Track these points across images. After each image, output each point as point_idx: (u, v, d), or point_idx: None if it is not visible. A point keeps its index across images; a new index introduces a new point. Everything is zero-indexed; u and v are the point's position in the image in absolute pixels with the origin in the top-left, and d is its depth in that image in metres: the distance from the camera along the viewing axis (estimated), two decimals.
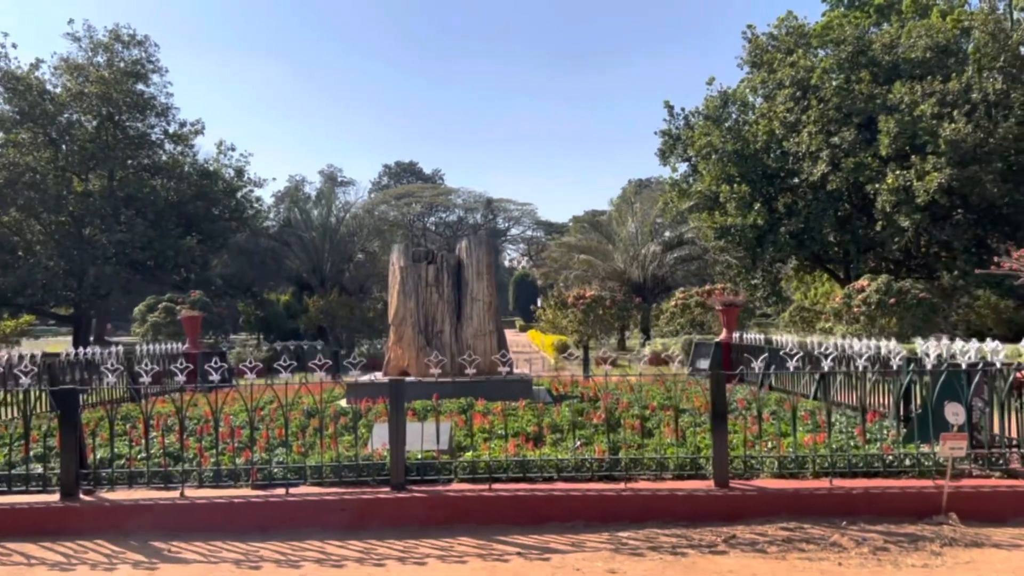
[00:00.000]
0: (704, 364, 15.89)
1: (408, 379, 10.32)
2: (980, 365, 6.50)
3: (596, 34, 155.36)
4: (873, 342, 9.11)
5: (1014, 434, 6.68)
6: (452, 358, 11.21)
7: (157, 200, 39.73)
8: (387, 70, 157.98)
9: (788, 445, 7.03)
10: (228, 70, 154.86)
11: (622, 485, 6.44)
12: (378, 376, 11.61)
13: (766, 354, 13.56)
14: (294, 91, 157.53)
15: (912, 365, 7.59)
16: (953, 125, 27.81)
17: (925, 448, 6.56)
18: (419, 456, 6.76)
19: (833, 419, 8.65)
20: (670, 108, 38.29)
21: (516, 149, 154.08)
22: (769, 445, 7.30)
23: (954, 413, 5.93)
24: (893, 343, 9.16)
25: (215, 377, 7.82)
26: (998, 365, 6.48)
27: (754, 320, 35.87)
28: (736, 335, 15.81)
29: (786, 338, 13.01)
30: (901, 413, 8.47)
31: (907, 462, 6.46)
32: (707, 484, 6.45)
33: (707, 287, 32.33)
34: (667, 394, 10.35)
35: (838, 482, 6.40)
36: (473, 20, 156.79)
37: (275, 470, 6.68)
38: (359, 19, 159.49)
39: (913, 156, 28.68)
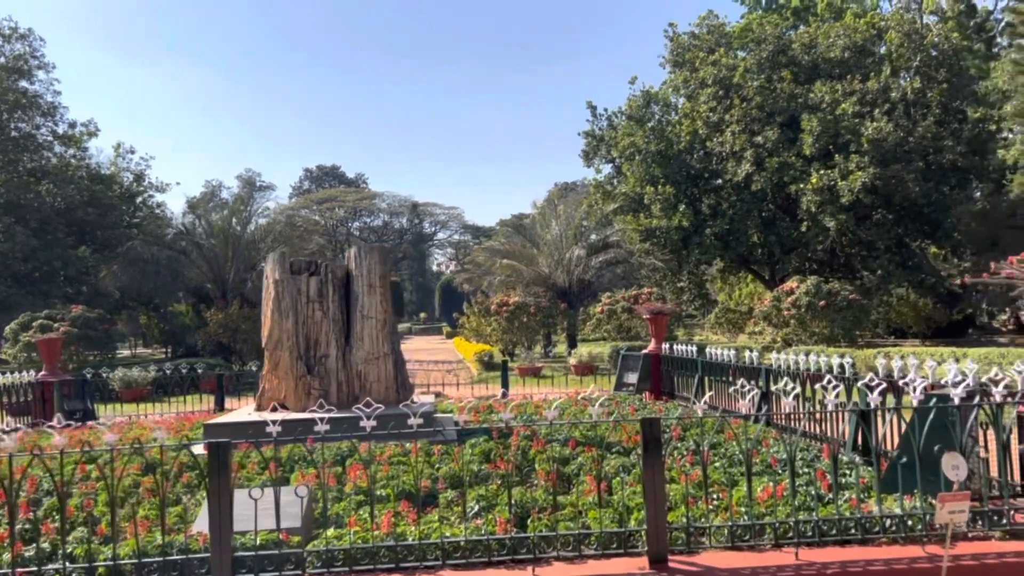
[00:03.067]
0: (632, 378, 14.53)
1: (277, 417, 8.51)
2: (976, 398, 5.22)
3: (521, 37, 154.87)
4: (836, 360, 7.81)
5: (1012, 478, 5.42)
6: (339, 387, 9.46)
7: (42, 207, 36.38)
8: (308, 73, 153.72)
9: (739, 500, 5.60)
10: (145, 71, 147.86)
11: (529, 571, 4.87)
12: (250, 411, 9.75)
13: (700, 373, 12.38)
14: (212, 93, 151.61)
15: (875, 395, 6.25)
16: (875, 124, 27.56)
17: (908, 500, 5.22)
18: (255, 541, 5.04)
19: (782, 453, 7.31)
20: (593, 108, 37.34)
21: (443, 153, 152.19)
22: (715, 500, 5.86)
23: (954, 466, 4.59)
24: (847, 359, 7.89)
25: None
26: (998, 397, 5.22)
27: (680, 322, 35.12)
28: (666, 345, 14.51)
29: (722, 351, 11.72)
30: (859, 444, 7.23)
31: (889, 524, 5.10)
32: (640, 564, 4.94)
33: (633, 291, 31.30)
34: (590, 428, 8.84)
35: (805, 554, 4.98)
36: (394, 23, 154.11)
37: (50, 571, 4.85)
38: (278, 20, 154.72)
39: (836, 155, 28.32)
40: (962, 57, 32.47)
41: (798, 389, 5.91)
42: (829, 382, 5.27)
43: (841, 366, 7.90)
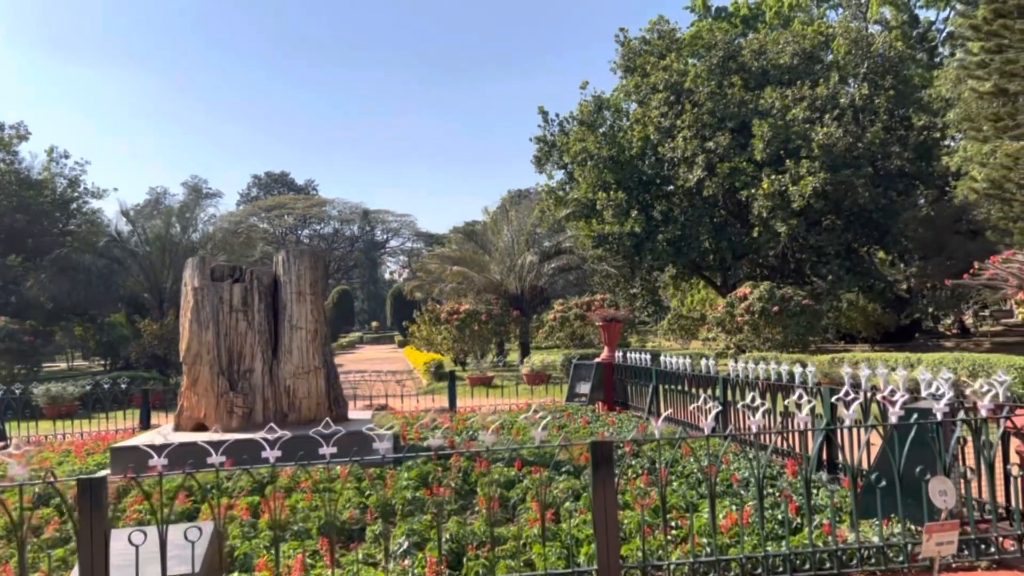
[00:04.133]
0: (584, 388, 13.98)
1: (174, 440, 7.69)
2: (960, 412, 4.74)
3: (472, 43, 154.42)
4: (798, 369, 7.34)
5: (998, 500, 4.94)
6: (265, 404, 8.67)
7: None
8: (256, 78, 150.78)
9: (701, 529, 5.02)
10: (90, 75, 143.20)
11: None
12: (167, 431, 8.89)
13: (654, 383, 11.87)
14: (158, 99, 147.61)
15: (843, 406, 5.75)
16: (825, 129, 27.65)
17: (885, 526, 4.70)
18: None
19: (744, 471, 6.79)
20: (544, 114, 36.94)
21: (395, 159, 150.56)
22: (674, 528, 5.28)
23: (941, 492, 4.08)
24: (810, 368, 7.42)
25: None
26: (983, 412, 4.75)
27: (633, 329, 34.87)
28: (619, 354, 14.01)
29: (677, 359, 11.24)
30: (824, 461, 6.75)
31: (867, 554, 4.57)
32: None
33: (586, 298, 30.90)
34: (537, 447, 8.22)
35: None
36: (344, 28, 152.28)
37: None
38: (225, 25, 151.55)
39: (787, 160, 28.34)
40: (906, 65, 32.99)
41: (767, 405, 5.38)
42: (800, 397, 4.75)
43: (804, 375, 7.43)
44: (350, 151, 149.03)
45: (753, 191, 28.77)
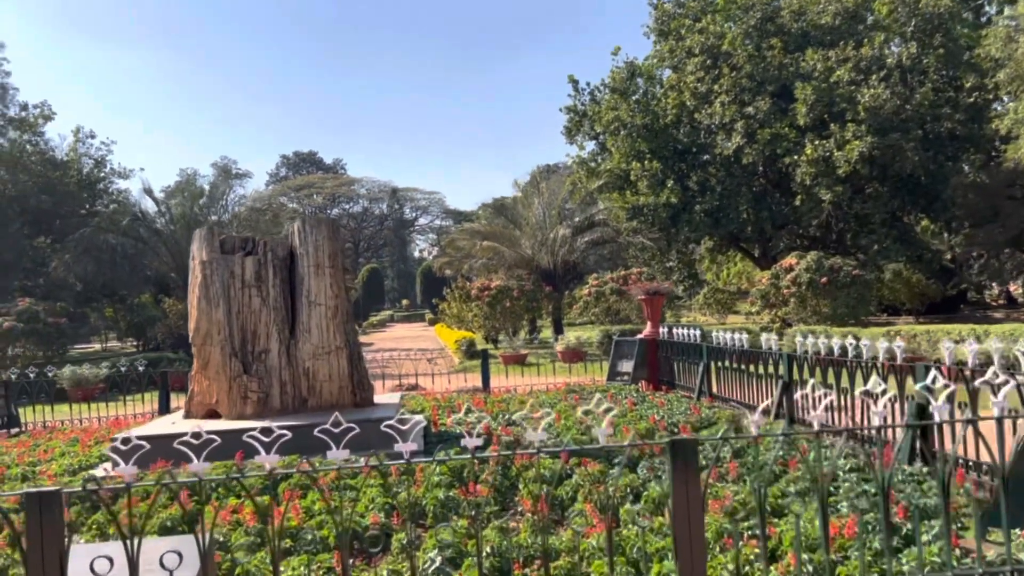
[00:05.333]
0: (627, 367, 13.09)
1: (147, 433, 6.94)
2: None
3: (500, 15, 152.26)
4: (882, 343, 6.39)
5: None
6: (282, 388, 7.90)
7: None
8: (284, 58, 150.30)
9: (792, 542, 4.13)
10: (121, 60, 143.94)
11: None
12: (176, 420, 8.18)
13: (704, 360, 10.93)
14: (188, 80, 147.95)
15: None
16: (872, 91, 26.18)
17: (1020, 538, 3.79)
18: None
19: (820, 464, 5.88)
20: (575, 83, 35.79)
21: (423, 137, 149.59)
22: (752, 538, 4.39)
23: None
24: (899, 344, 6.45)
25: None
26: None
27: (668, 304, 33.78)
28: (664, 329, 13.07)
29: (730, 334, 10.29)
30: (919, 448, 5.81)
31: (1013, 573, 3.65)
32: None
33: (622, 272, 29.87)
34: (582, 430, 7.38)
35: None
36: (373, 5, 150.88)
37: None
38: (254, 6, 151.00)
39: (832, 125, 26.94)
40: (955, 23, 31.21)
41: (891, 391, 4.47)
42: (935, 380, 3.84)
43: (890, 351, 6.47)
44: (378, 129, 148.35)
45: (795, 157, 27.45)
